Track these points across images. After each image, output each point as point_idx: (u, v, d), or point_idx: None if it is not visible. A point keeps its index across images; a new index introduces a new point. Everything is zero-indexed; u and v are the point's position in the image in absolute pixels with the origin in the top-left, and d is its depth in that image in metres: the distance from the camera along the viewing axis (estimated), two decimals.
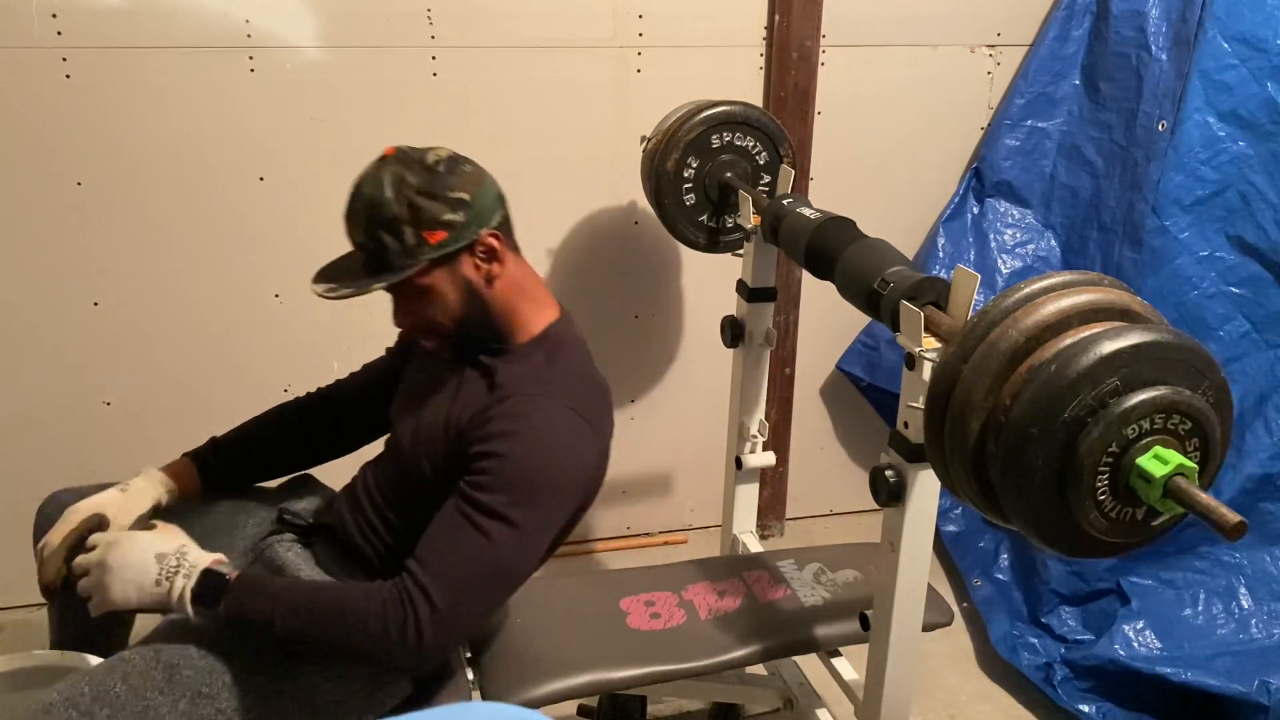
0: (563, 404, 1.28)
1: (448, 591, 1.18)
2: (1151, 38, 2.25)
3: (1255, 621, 2.05)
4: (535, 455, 1.23)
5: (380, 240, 1.26)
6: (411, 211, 1.25)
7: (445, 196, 1.27)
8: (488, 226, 1.30)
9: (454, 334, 1.34)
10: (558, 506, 1.28)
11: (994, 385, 1.00)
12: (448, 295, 1.30)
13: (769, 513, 2.78)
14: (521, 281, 1.37)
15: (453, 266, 1.29)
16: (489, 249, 1.31)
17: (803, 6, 2.32)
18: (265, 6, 2.09)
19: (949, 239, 2.55)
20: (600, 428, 1.34)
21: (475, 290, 1.32)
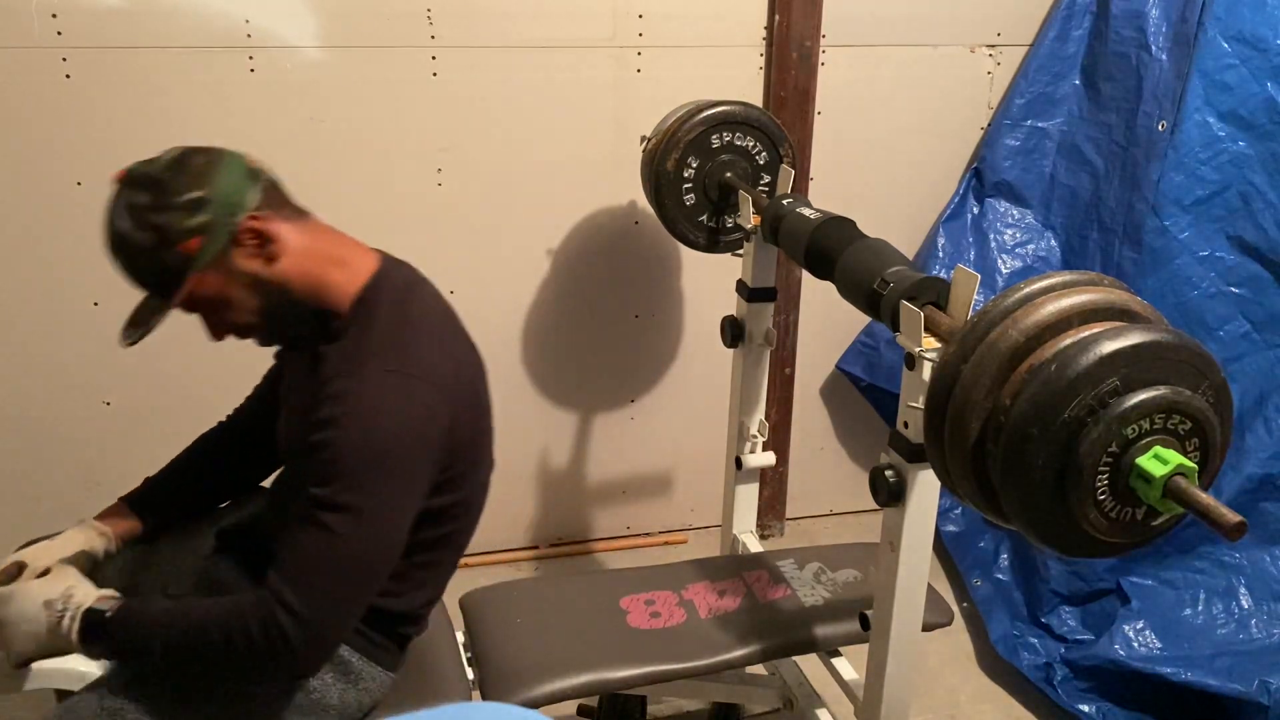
0: (379, 369, 1.19)
1: (305, 594, 1.14)
2: (1151, 38, 2.25)
3: (1255, 621, 2.05)
4: (356, 435, 1.16)
5: (143, 272, 1.19)
6: (156, 234, 1.16)
7: (180, 204, 1.17)
8: (243, 212, 1.19)
9: (268, 326, 1.27)
10: (399, 477, 1.19)
11: (994, 385, 1.00)
12: (237, 295, 1.22)
13: (769, 513, 2.78)
14: (316, 248, 1.26)
15: (225, 267, 1.20)
16: (254, 233, 1.20)
17: (803, 6, 2.32)
18: (265, 6, 2.09)
19: (949, 239, 2.55)
20: (429, 372, 1.23)
21: (262, 279, 1.22)
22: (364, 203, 2.28)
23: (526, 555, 2.68)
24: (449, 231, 2.35)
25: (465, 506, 1.35)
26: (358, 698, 1.33)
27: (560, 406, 2.60)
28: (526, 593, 1.73)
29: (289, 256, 1.23)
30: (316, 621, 1.14)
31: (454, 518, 1.33)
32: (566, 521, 2.72)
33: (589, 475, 2.69)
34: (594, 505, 2.73)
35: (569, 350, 2.55)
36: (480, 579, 2.52)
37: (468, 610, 1.68)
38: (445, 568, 1.41)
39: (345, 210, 2.28)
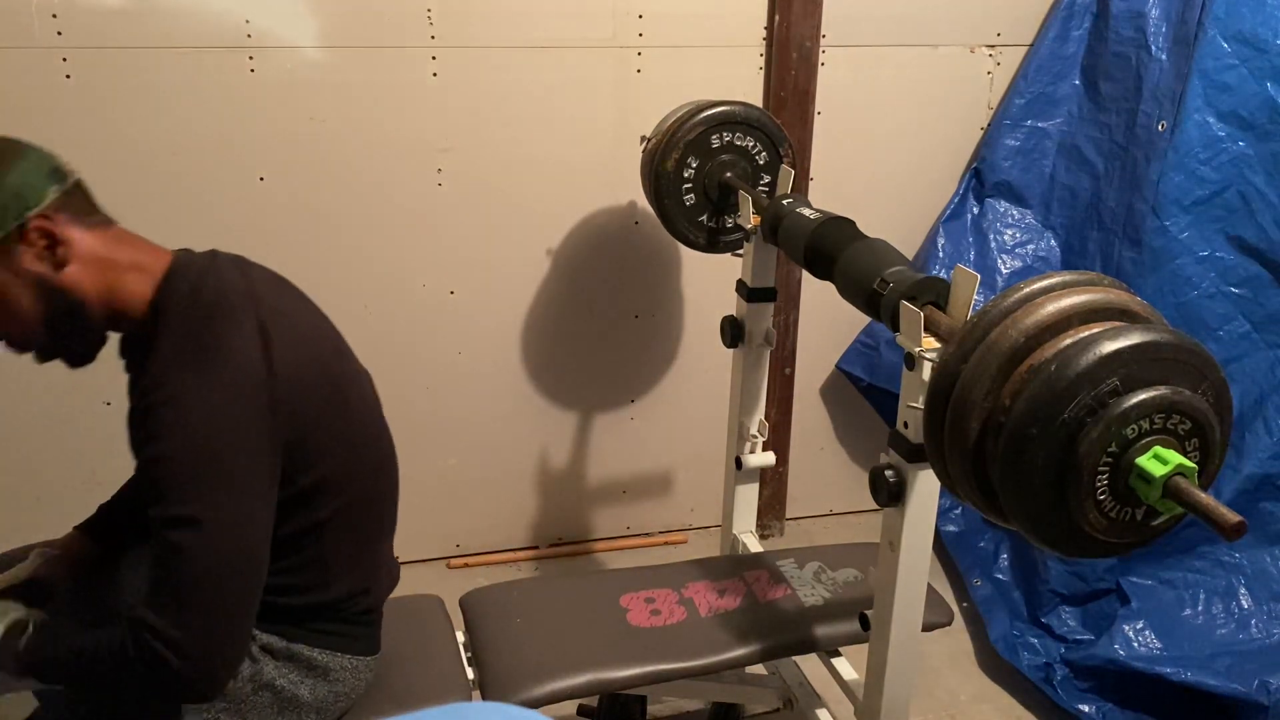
0: (178, 372, 1.12)
1: (172, 617, 1.09)
2: (1151, 38, 2.25)
3: (1255, 621, 2.05)
4: (174, 446, 1.10)
5: None
6: None
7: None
8: (34, 209, 1.11)
9: (49, 339, 1.18)
10: (232, 476, 1.12)
11: (994, 385, 1.00)
12: (18, 298, 1.13)
13: (769, 513, 2.78)
14: (112, 256, 1.18)
15: (6, 264, 1.12)
16: (45, 232, 1.12)
17: (803, 6, 2.32)
18: (265, 6, 2.09)
19: (949, 239, 2.55)
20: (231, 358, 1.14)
21: (49, 283, 1.14)
22: (364, 203, 2.28)
23: (526, 555, 2.68)
24: (449, 231, 2.35)
25: (341, 480, 1.27)
26: (332, 689, 1.33)
27: (560, 406, 2.60)
28: (526, 593, 1.73)
29: (81, 264, 1.15)
30: (194, 642, 1.10)
31: (331, 493, 1.26)
32: (566, 521, 2.72)
33: (589, 475, 2.69)
34: (594, 505, 2.73)
35: (569, 350, 2.55)
36: (480, 579, 2.53)
37: (468, 610, 1.68)
38: (364, 544, 1.35)
39: (345, 210, 2.29)
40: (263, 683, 1.27)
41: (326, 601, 1.31)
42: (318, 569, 1.29)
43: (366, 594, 1.36)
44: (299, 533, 1.25)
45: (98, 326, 1.20)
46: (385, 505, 1.39)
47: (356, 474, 1.30)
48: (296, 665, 1.30)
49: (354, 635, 1.36)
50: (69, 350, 1.23)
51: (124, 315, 1.20)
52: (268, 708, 1.28)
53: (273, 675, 1.28)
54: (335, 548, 1.30)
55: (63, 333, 1.19)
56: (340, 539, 1.30)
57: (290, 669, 1.29)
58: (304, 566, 1.28)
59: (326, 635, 1.32)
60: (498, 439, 2.57)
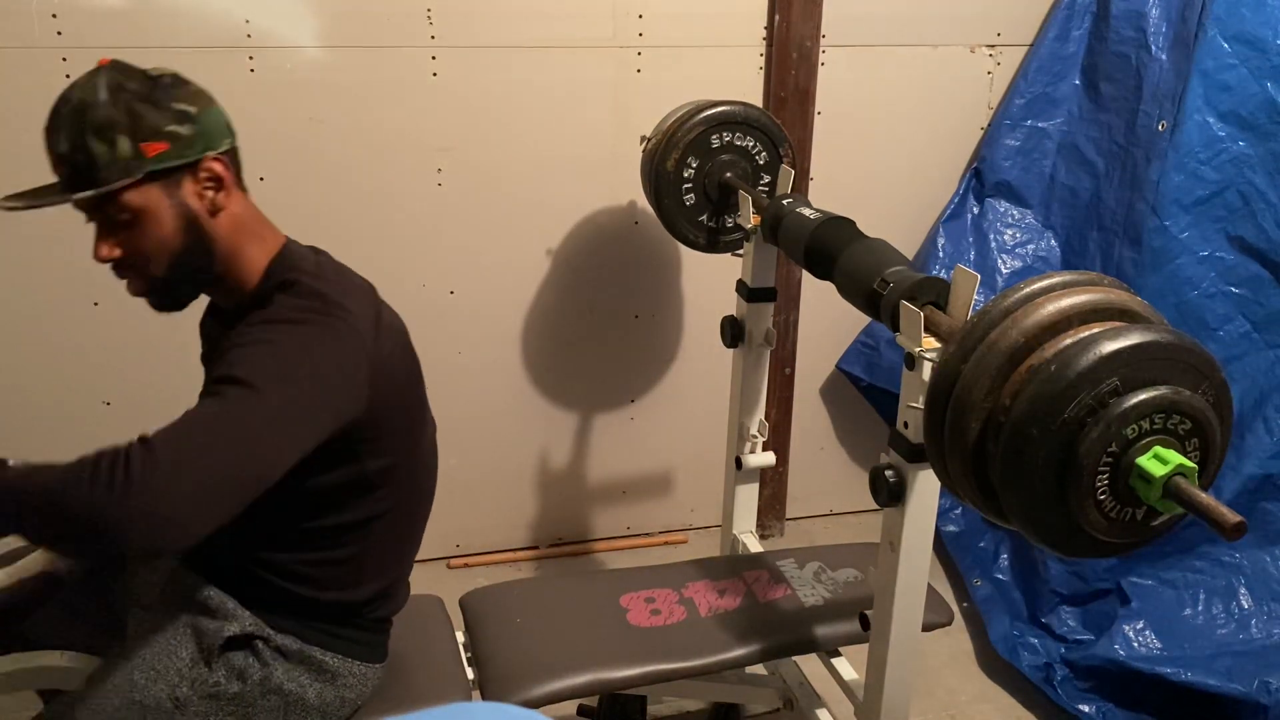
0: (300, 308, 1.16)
1: (166, 437, 1.04)
2: (1151, 38, 2.25)
3: (1255, 621, 2.05)
4: (285, 339, 1.12)
5: (89, 149, 1.10)
6: (129, 118, 1.11)
7: (169, 107, 1.14)
8: (214, 150, 1.17)
9: (166, 274, 1.18)
10: (304, 391, 1.11)
11: (994, 385, 1.00)
12: (164, 223, 1.15)
13: (769, 513, 2.78)
14: (248, 221, 1.24)
15: (172, 189, 1.15)
16: (214, 176, 1.18)
17: (803, 6, 2.32)
18: (265, 6, 2.09)
19: (949, 239, 2.55)
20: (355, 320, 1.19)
21: (197, 221, 1.17)
22: (364, 203, 2.28)
23: (526, 555, 2.68)
24: (449, 231, 2.35)
25: (403, 475, 1.30)
26: (339, 694, 1.33)
27: (560, 406, 2.60)
28: (526, 593, 1.73)
29: (227, 216, 1.20)
30: (164, 464, 1.01)
31: (388, 485, 1.28)
32: (566, 521, 2.72)
33: (589, 475, 2.69)
34: (594, 505, 2.73)
35: (569, 350, 2.55)
36: (480, 579, 2.53)
37: (468, 610, 1.68)
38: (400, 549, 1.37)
39: (345, 210, 2.29)
40: (271, 686, 1.28)
41: (352, 602, 1.33)
42: (354, 566, 1.31)
43: (388, 601, 1.38)
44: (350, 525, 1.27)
45: (212, 279, 1.23)
46: (423, 516, 1.42)
47: (413, 475, 1.34)
48: (307, 669, 1.30)
49: (367, 642, 1.36)
50: (176, 291, 1.22)
51: (235, 278, 1.23)
52: (274, 711, 1.28)
53: (282, 679, 1.28)
54: (376, 547, 1.32)
55: (184, 272, 1.20)
56: (383, 539, 1.32)
57: (301, 673, 1.30)
58: (344, 561, 1.29)
59: (341, 640, 1.33)
60: (498, 439, 2.57)
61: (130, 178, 1.12)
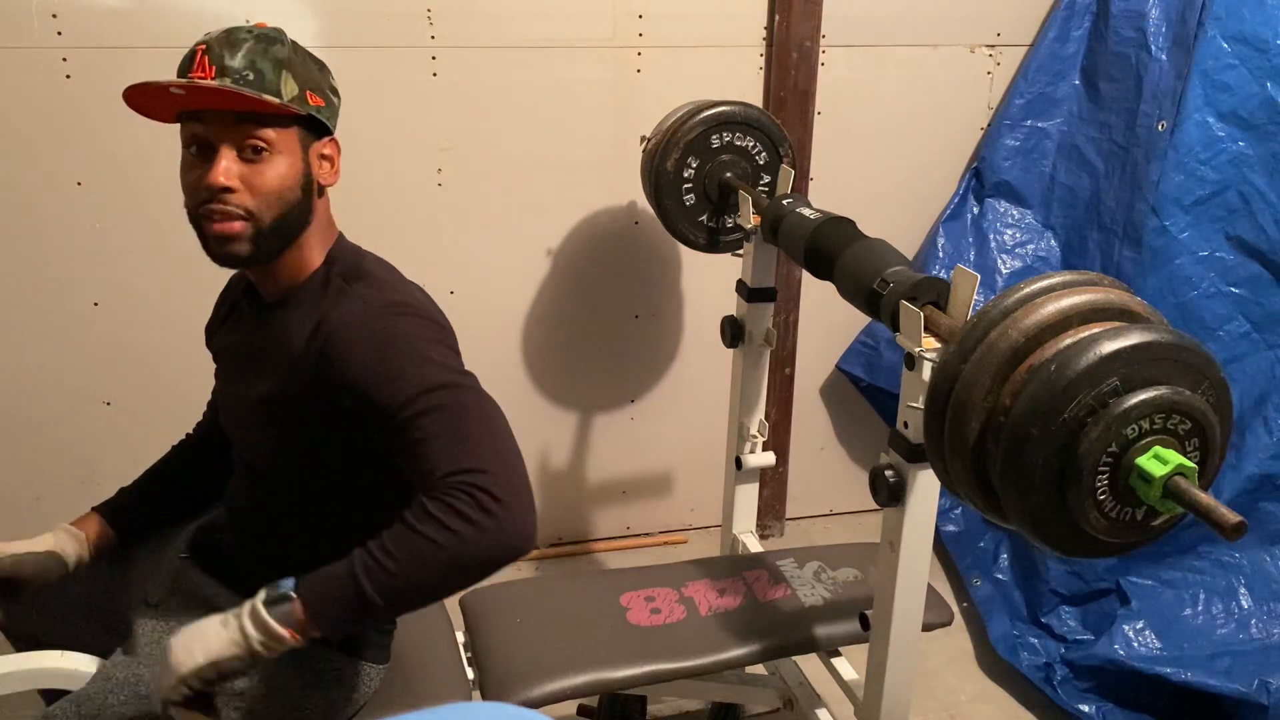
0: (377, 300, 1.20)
1: (477, 459, 1.05)
2: (1151, 38, 2.25)
3: (1255, 621, 2.05)
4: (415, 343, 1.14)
5: (262, 71, 1.15)
6: (303, 65, 1.20)
7: (329, 79, 1.26)
8: (335, 136, 1.27)
9: (272, 222, 1.17)
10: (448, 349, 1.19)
11: (994, 385, 1.00)
12: (293, 171, 1.18)
13: (769, 513, 2.78)
14: (327, 211, 1.30)
15: (308, 144, 1.21)
16: (331, 155, 1.26)
17: (803, 6, 2.32)
18: (266, 7, 2.09)
19: (949, 239, 2.55)
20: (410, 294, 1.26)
21: (311, 185, 1.22)
22: (364, 203, 2.28)
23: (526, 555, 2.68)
24: (449, 231, 2.35)
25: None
26: (344, 693, 1.33)
27: (560, 406, 2.60)
28: (526, 593, 1.73)
29: (325, 199, 1.27)
30: (505, 473, 1.04)
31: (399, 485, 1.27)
32: (566, 521, 2.72)
33: (589, 475, 2.69)
34: (594, 505, 2.73)
35: (569, 350, 2.55)
36: None
37: (468, 610, 1.68)
38: None
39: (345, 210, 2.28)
40: (277, 685, 1.28)
41: None
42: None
43: None
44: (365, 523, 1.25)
45: (285, 248, 1.22)
46: None
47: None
48: (315, 669, 1.30)
49: (372, 642, 1.37)
50: (267, 244, 1.19)
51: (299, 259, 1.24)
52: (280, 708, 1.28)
53: (288, 677, 1.28)
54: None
55: (285, 226, 1.20)
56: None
57: (306, 671, 1.30)
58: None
59: (350, 640, 1.33)
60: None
61: (296, 110, 1.16)
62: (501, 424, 1.12)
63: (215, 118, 1.14)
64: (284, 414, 1.24)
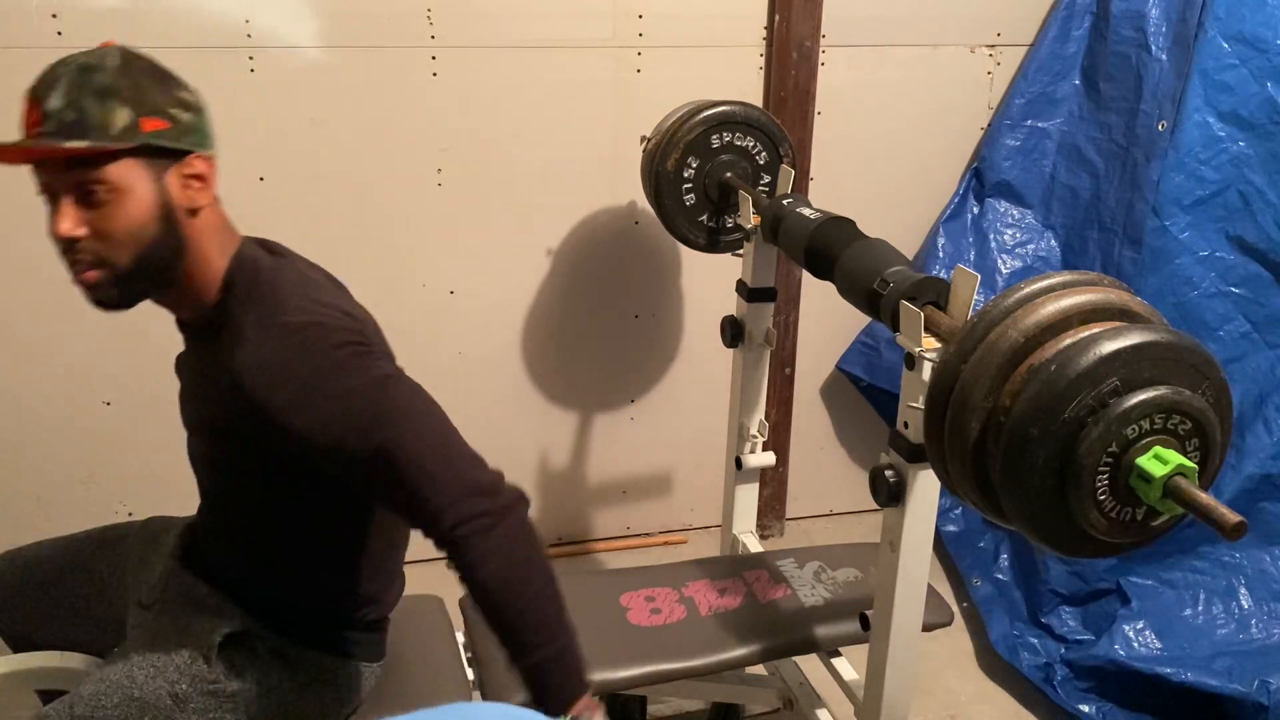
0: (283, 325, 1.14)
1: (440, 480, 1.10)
2: (1151, 38, 2.25)
3: (1255, 621, 2.05)
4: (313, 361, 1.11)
5: (84, 109, 1.05)
6: (134, 90, 1.07)
7: (173, 93, 1.12)
8: (203, 151, 1.15)
9: (130, 264, 1.11)
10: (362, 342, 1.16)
11: (994, 385, 1.00)
12: (142, 206, 1.09)
13: (769, 513, 2.78)
14: (217, 227, 1.20)
15: (158, 173, 1.10)
16: (199, 174, 1.14)
17: (803, 6, 2.32)
18: (265, 6, 2.09)
19: (949, 239, 2.55)
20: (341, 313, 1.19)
21: (174, 214, 1.12)
22: (364, 203, 2.28)
23: None
24: (449, 231, 2.35)
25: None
26: (337, 693, 1.33)
27: (560, 406, 2.60)
28: None
29: (202, 220, 1.16)
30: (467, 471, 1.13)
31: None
32: (566, 521, 2.72)
33: (589, 475, 2.69)
34: (594, 505, 2.73)
35: (569, 350, 2.55)
36: None
37: (468, 610, 1.68)
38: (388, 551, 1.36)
39: (345, 210, 2.29)
40: (271, 686, 1.28)
41: (343, 610, 1.32)
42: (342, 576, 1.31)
43: (379, 604, 1.37)
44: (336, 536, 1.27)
45: (174, 281, 1.17)
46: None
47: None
48: (306, 670, 1.30)
49: (364, 642, 1.36)
50: (134, 285, 1.14)
51: (198, 285, 1.18)
52: (273, 708, 1.28)
53: (281, 679, 1.28)
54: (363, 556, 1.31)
55: (149, 266, 1.13)
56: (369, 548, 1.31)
57: (299, 674, 1.30)
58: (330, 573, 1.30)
59: (338, 641, 1.33)
60: (498, 439, 2.57)
61: (126, 144, 1.06)
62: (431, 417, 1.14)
63: (48, 166, 1.08)
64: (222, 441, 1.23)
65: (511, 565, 1.10)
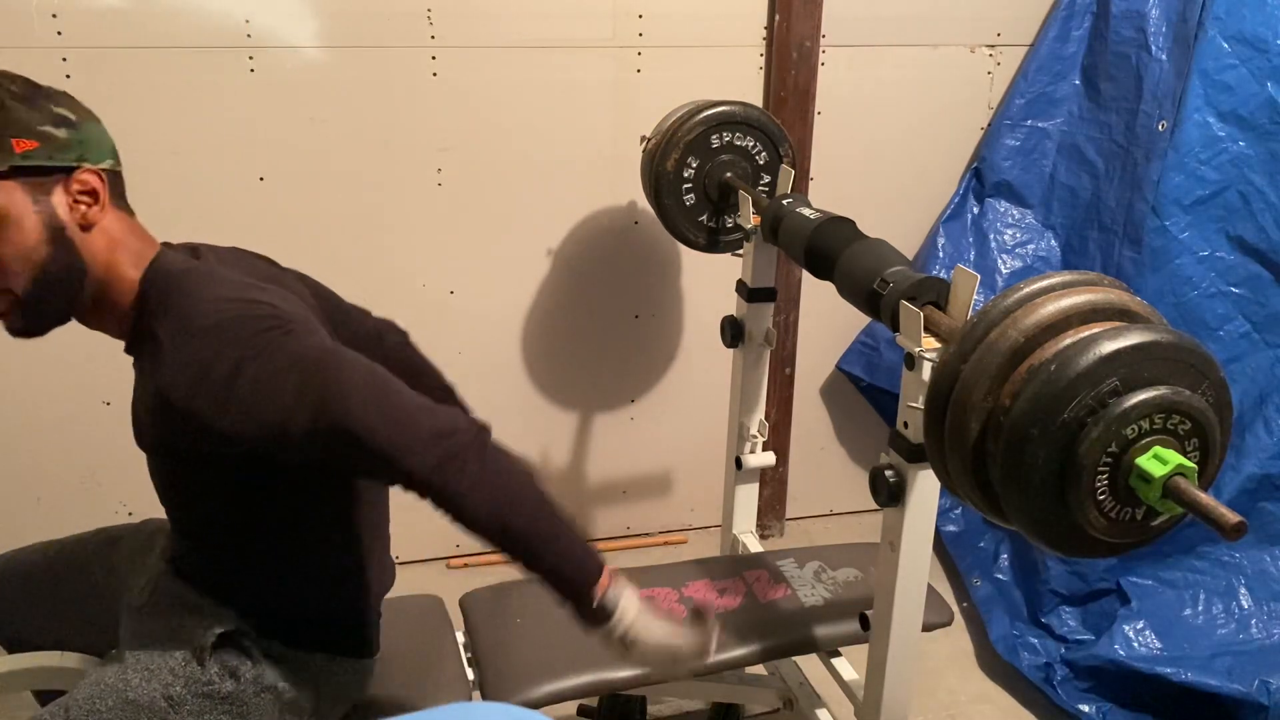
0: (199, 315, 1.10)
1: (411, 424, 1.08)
2: (1151, 38, 2.25)
3: (1255, 621, 2.05)
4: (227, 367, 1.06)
5: None
6: (2, 112, 1.06)
7: (48, 109, 1.09)
8: (93, 164, 1.11)
9: (30, 289, 1.09)
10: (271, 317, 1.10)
11: (994, 385, 1.00)
12: (28, 230, 1.07)
13: (769, 513, 2.78)
14: (123, 238, 1.16)
15: (39, 194, 1.08)
16: (88, 189, 1.11)
17: (803, 6, 2.32)
18: (265, 6, 2.09)
19: (949, 239, 2.55)
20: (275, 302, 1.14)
21: (64, 234, 1.09)
22: (364, 203, 2.28)
23: None
24: (449, 231, 2.35)
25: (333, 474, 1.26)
26: (332, 690, 1.33)
27: (560, 406, 2.60)
28: (526, 593, 1.73)
29: (101, 235, 1.13)
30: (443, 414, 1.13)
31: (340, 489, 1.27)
32: None
33: (589, 475, 2.69)
34: (594, 505, 2.73)
35: (569, 350, 2.55)
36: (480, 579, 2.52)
37: (468, 610, 1.68)
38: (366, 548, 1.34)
39: (345, 210, 2.29)
40: (265, 685, 1.27)
41: (329, 609, 1.32)
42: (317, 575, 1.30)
43: (364, 597, 1.37)
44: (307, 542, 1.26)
45: (85, 301, 1.15)
46: (383, 505, 1.39)
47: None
48: (298, 669, 1.30)
49: (355, 639, 1.36)
50: (39, 311, 1.13)
51: (113, 300, 1.16)
52: (269, 709, 1.28)
53: (275, 678, 1.28)
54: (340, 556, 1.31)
55: (50, 290, 1.11)
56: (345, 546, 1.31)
57: (292, 672, 1.30)
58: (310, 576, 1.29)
59: (328, 640, 1.33)
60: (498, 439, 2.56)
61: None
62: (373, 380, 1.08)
63: None
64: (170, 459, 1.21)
65: (492, 492, 1.14)
